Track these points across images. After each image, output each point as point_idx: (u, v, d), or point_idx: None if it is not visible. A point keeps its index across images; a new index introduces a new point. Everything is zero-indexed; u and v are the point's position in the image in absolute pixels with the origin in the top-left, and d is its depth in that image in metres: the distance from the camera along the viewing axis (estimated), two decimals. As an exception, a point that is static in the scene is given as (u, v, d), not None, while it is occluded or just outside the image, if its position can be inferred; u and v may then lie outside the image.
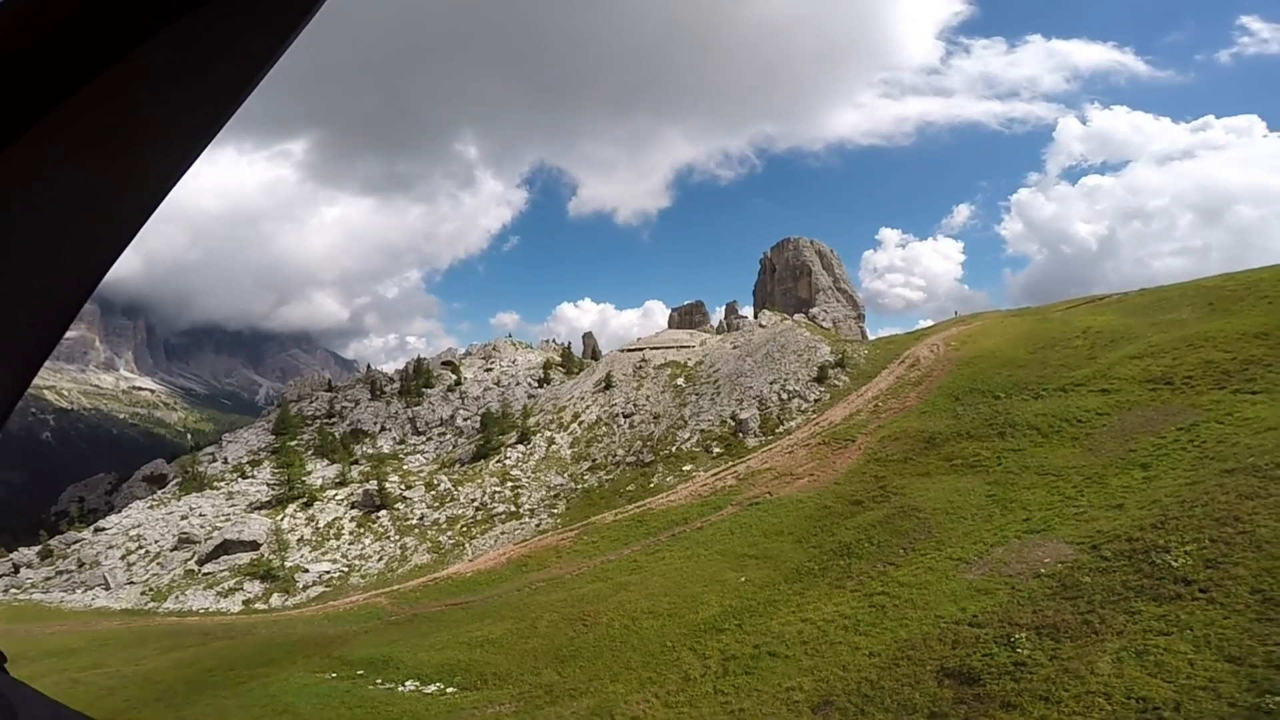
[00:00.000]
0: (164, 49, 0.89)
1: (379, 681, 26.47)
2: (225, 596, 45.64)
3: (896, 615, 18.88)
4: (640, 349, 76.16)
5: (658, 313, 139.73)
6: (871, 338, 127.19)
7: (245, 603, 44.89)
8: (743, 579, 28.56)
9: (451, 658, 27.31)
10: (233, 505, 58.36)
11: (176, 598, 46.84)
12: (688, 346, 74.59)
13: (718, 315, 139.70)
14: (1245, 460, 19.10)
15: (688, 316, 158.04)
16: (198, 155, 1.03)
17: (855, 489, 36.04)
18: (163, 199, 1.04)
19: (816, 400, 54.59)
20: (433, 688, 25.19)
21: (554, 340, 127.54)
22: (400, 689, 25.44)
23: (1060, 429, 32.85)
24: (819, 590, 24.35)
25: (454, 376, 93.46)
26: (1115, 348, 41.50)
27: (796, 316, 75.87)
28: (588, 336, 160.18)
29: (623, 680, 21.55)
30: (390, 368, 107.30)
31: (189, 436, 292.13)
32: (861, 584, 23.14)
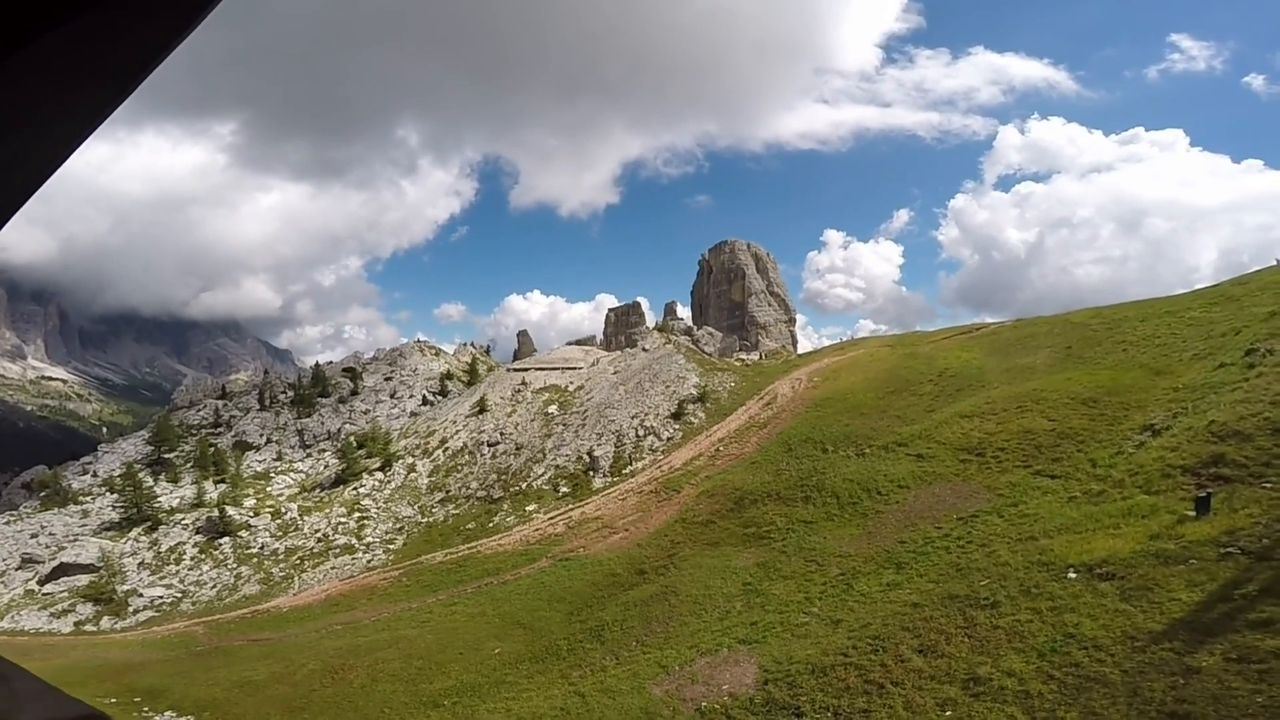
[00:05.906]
0: (58, 43, 0.98)
1: (145, 710, 31.82)
2: (58, 618, 50.58)
3: (567, 729, 20.74)
4: (525, 369, 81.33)
5: (609, 306, 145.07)
6: (809, 341, 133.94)
7: (77, 624, 49.68)
8: (498, 650, 31.20)
9: (214, 694, 32.03)
10: (84, 524, 62.95)
11: (12, 618, 51.53)
12: (575, 368, 79.14)
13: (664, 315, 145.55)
14: (978, 583, 19.52)
15: (624, 318, 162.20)
16: (82, 142, 1.14)
17: (649, 554, 38.64)
18: (42, 184, 1.17)
19: (669, 439, 59.33)
20: (179, 722, 30.92)
21: (472, 343, 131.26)
22: (155, 718, 31.17)
23: (859, 500, 34.42)
24: (548, 677, 26.96)
25: (351, 385, 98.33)
26: (957, 399, 43.75)
27: (679, 339, 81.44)
28: (522, 334, 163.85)
29: (330, 740, 25.92)
30: (325, 358, 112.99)
31: (104, 430, 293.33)
32: (583, 676, 25.57)
